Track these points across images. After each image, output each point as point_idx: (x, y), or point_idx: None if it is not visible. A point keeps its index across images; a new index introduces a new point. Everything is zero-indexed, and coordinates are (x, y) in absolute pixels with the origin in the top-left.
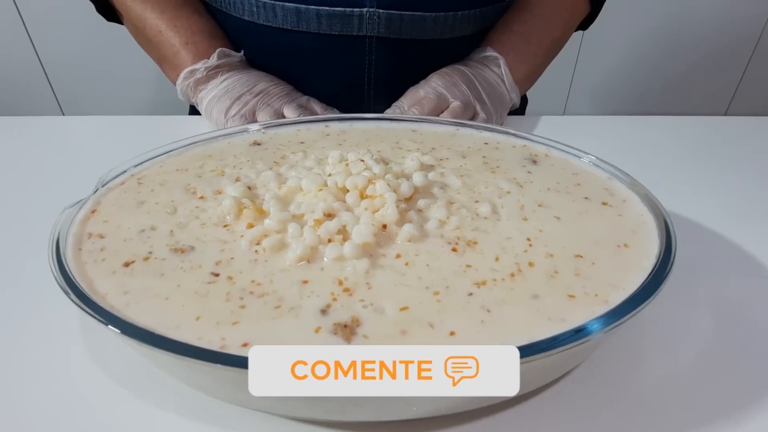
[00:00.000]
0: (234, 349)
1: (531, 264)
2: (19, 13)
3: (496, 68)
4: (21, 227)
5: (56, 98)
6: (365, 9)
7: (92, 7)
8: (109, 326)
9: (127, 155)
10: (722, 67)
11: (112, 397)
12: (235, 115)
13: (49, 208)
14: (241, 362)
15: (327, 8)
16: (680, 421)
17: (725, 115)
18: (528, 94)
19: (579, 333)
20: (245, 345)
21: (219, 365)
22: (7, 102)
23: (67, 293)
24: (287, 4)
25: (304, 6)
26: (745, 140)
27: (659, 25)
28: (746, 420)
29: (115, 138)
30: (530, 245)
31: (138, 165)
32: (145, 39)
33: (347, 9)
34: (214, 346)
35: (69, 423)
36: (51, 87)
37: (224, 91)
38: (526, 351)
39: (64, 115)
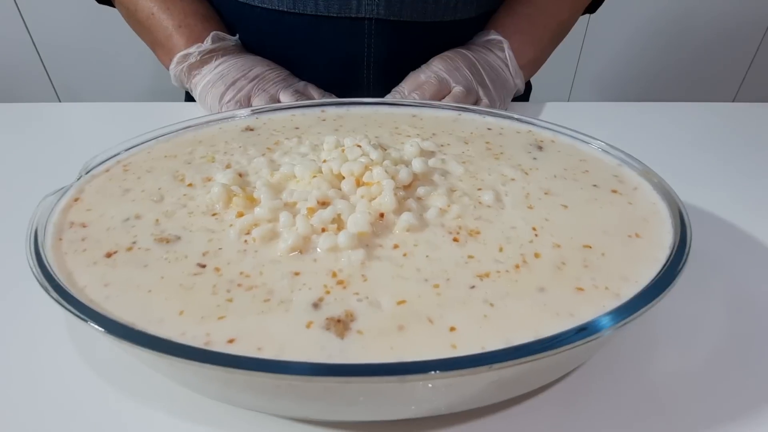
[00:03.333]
0: (219, 346)
1: (537, 255)
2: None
3: (500, 52)
4: (13, 215)
5: (52, 84)
6: None
7: None
8: (90, 323)
9: (120, 141)
10: (730, 53)
11: (97, 393)
12: (229, 101)
13: (41, 197)
14: (226, 360)
15: None
16: (692, 419)
17: (733, 101)
18: (532, 80)
19: (588, 330)
20: (231, 341)
21: (202, 363)
22: (3, 88)
23: (46, 289)
24: None
25: None
26: (755, 127)
27: (666, 10)
28: (762, 419)
29: (111, 125)
30: (536, 235)
31: (125, 151)
32: (136, 22)
33: None
34: (198, 342)
35: (54, 418)
36: (47, 73)
37: (219, 76)
38: (533, 348)
39: (60, 101)
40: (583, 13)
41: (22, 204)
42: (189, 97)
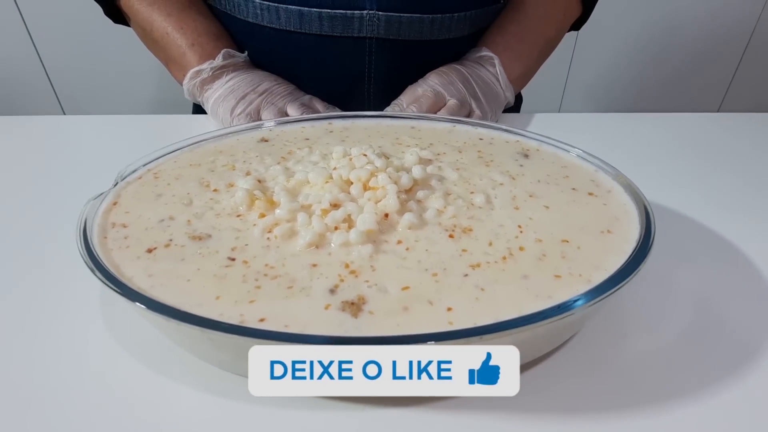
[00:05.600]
0: (252, 324)
1: (521, 248)
2: (20, 12)
3: (491, 68)
4: (30, 226)
5: (57, 97)
6: (365, 11)
7: (95, 7)
8: (137, 303)
9: (134, 154)
10: (714, 65)
11: (132, 374)
12: (240, 113)
13: (58, 206)
14: (259, 334)
15: (329, 11)
16: (658, 392)
17: (717, 112)
18: (523, 92)
19: (563, 308)
20: (262, 320)
21: (240, 336)
22: (8, 101)
23: (92, 270)
24: (290, 6)
25: (306, 9)
26: (735, 136)
27: (653, 23)
28: (719, 392)
29: (121, 137)
30: (521, 232)
31: (153, 160)
32: (152, 41)
33: (348, 11)
34: (234, 321)
35: (89, 397)
36: (52, 86)
37: (229, 90)
38: (517, 323)
39: (65, 114)
40: (569, 31)
41: (44, 214)
42: (197, 110)
